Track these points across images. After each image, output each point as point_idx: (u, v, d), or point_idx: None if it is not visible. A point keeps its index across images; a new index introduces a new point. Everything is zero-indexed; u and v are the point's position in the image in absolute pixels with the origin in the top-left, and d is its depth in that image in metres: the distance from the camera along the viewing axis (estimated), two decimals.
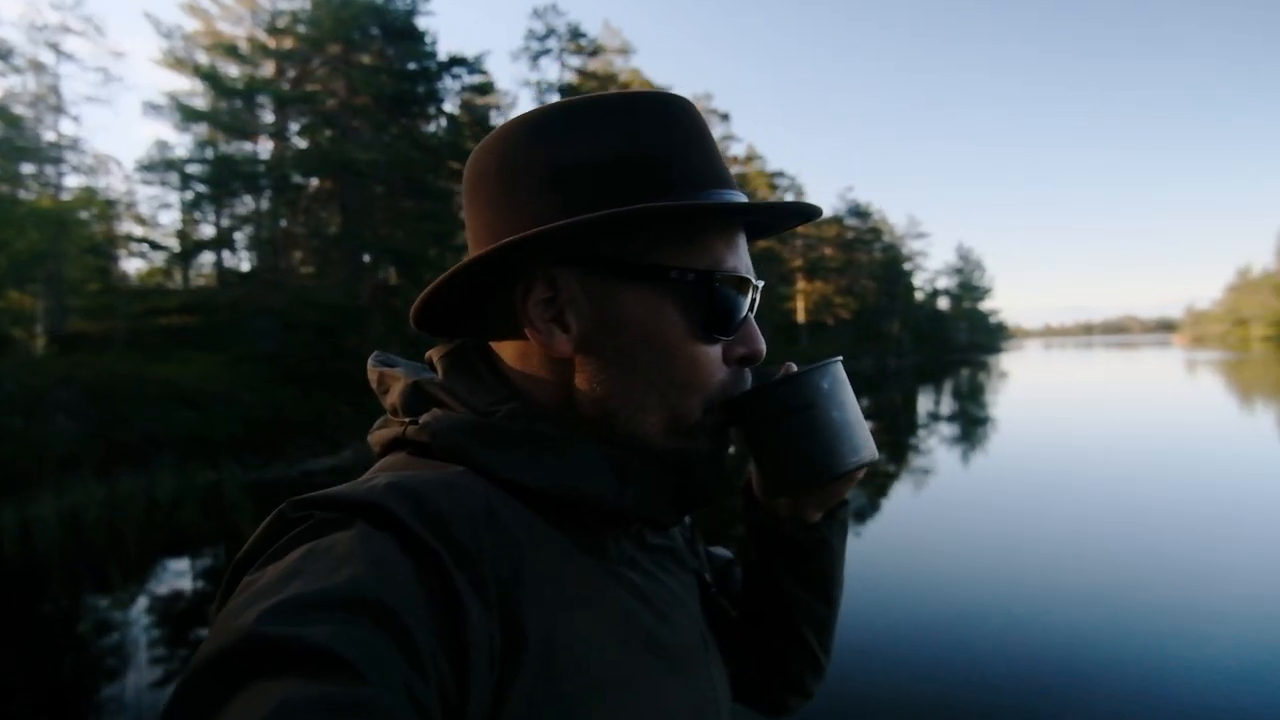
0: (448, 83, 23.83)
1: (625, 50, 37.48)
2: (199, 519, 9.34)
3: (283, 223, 20.67)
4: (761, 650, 0.82)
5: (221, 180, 20.15)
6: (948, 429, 16.26)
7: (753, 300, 0.66)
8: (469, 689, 0.44)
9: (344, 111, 20.48)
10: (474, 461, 0.57)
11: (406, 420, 0.62)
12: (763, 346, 0.66)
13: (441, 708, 0.42)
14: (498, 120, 29.09)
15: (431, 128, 24.23)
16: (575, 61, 32.95)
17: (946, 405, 22.38)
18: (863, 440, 0.65)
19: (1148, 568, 5.63)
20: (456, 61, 23.42)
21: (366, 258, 20.36)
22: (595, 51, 33.85)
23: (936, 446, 13.29)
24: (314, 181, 20.68)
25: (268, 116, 22.07)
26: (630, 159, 0.60)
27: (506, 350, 0.66)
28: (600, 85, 32.50)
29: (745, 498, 0.80)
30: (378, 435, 0.65)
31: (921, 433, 15.50)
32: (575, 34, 32.30)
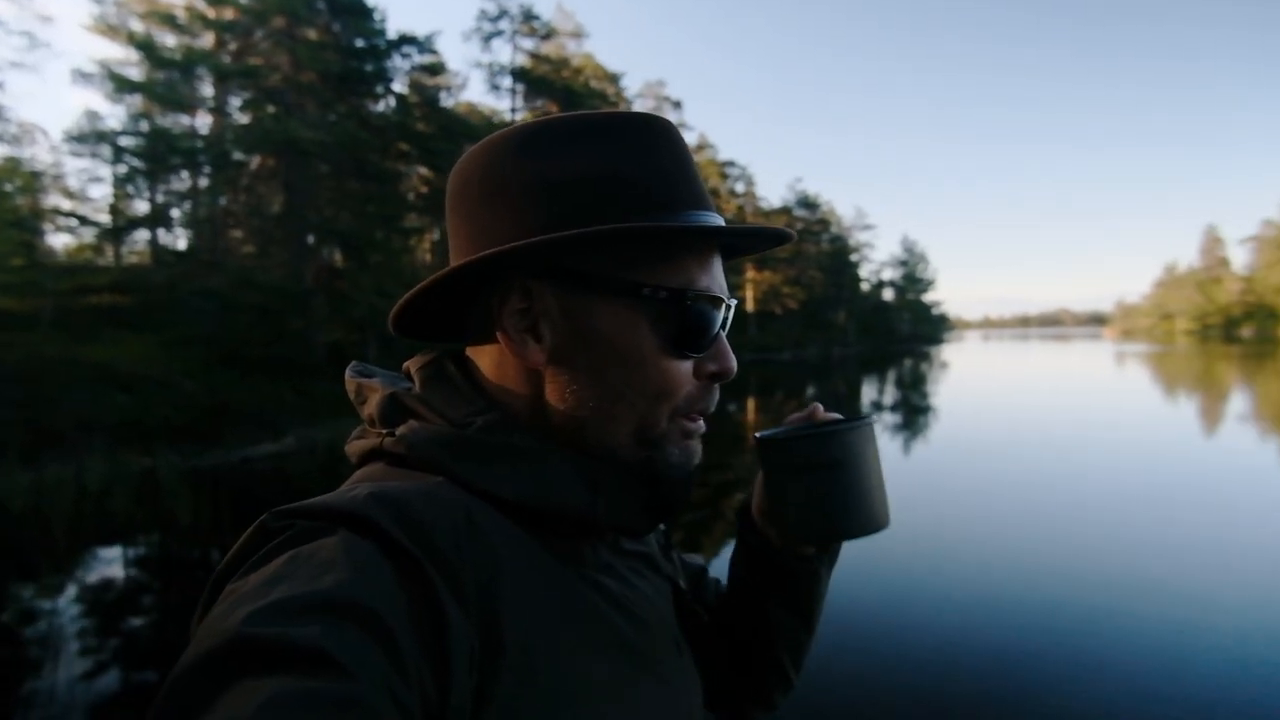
0: (397, 62, 23.28)
1: (578, 34, 37.17)
2: (131, 507, 9.03)
3: (223, 200, 19.97)
4: (733, 663, 0.84)
5: (157, 154, 19.34)
6: (890, 418, 16.66)
7: (725, 318, 0.67)
8: (449, 695, 0.45)
9: (288, 88, 19.84)
10: (451, 473, 0.58)
11: (383, 431, 0.63)
12: (734, 364, 0.67)
13: (422, 712, 0.43)
14: (448, 101, 28.69)
15: (380, 107, 23.67)
16: (528, 44, 32.55)
17: (890, 395, 22.89)
18: (880, 507, 0.66)
19: (1089, 549, 5.86)
20: (406, 40, 22.88)
21: (311, 239, 19.82)
22: (548, 35, 33.45)
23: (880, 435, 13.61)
24: (256, 159, 20.03)
25: (207, 90, 21.30)
26: (610, 178, 0.61)
27: (483, 360, 0.67)
28: (554, 69, 32.18)
29: (743, 518, 0.82)
30: (354, 446, 0.66)
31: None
32: (528, 16, 31.86)
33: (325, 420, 14.01)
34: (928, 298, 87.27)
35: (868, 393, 23.21)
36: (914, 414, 17.55)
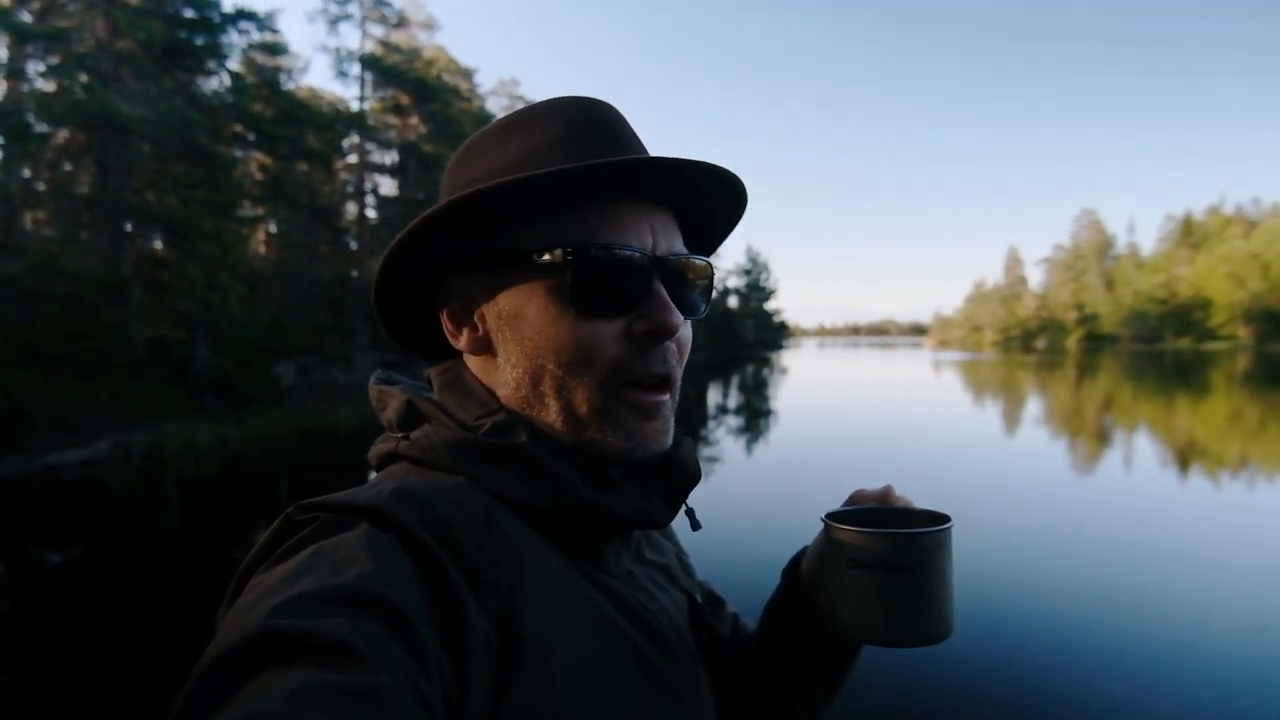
0: (233, 38, 21.54)
1: (430, 25, 36.00)
2: None
3: (26, 173, 17.71)
4: (746, 702, 0.80)
5: None
6: (735, 420, 17.38)
7: (659, 273, 0.63)
8: (469, 690, 0.46)
9: (104, 56, 17.92)
10: (467, 474, 0.60)
11: (399, 435, 0.65)
12: (671, 319, 0.62)
13: (443, 705, 0.43)
14: (289, 85, 26.94)
15: (213, 85, 21.87)
16: (378, 31, 31.15)
17: (735, 400, 23.87)
18: (947, 616, 0.61)
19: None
20: (243, 15, 21.24)
21: (129, 225, 17.98)
22: (400, 23, 32.19)
23: (725, 437, 14.25)
24: (63, 133, 17.92)
25: (0, 51, 18.81)
26: (517, 160, 0.63)
27: (471, 364, 0.70)
28: (405, 59, 30.97)
29: (789, 579, 0.77)
30: (374, 450, 0.68)
31: (712, 424, 16.46)
32: (379, 2, 30.52)
33: (146, 423, 12.78)
34: (769, 306, 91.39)
35: (714, 397, 24.04)
36: (757, 417, 18.41)
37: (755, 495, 8.68)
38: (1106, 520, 7.37)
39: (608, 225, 0.61)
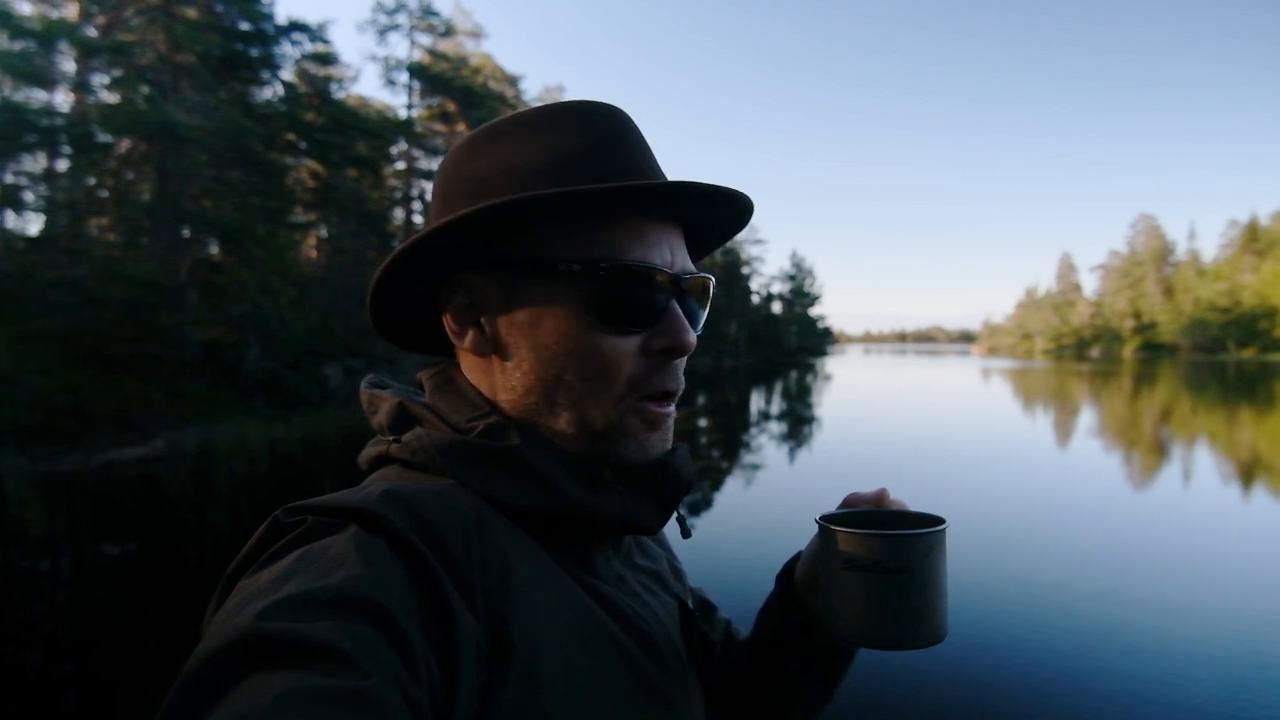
0: (286, 49, 22.16)
1: (477, 34, 36.56)
2: None
3: (91, 181, 18.42)
4: (738, 707, 0.80)
5: (8, 131, 17.66)
6: (777, 427, 17.21)
7: (675, 292, 0.64)
8: (457, 692, 0.45)
9: (163, 68, 18.57)
10: (458, 477, 0.59)
11: (390, 438, 0.64)
12: (688, 338, 0.63)
13: (431, 708, 0.43)
14: (339, 94, 27.58)
15: (267, 95, 22.50)
16: (425, 40, 31.73)
17: (780, 406, 23.65)
18: (941, 619, 0.60)
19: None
20: (296, 27, 21.84)
21: (186, 231, 18.57)
22: (447, 32, 32.73)
23: (767, 444, 14.11)
24: (124, 142, 18.60)
25: (68, 65, 19.62)
26: (543, 165, 0.61)
27: (465, 364, 0.69)
28: (451, 67, 31.48)
29: (783, 584, 0.76)
30: (365, 454, 0.67)
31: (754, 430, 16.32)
32: (427, 11, 31.08)
33: (198, 423, 13.17)
34: (814, 312, 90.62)
35: (756, 403, 23.85)
36: (800, 424, 18.21)
37: (789, 502, 8.57)
38: (1168, 538, 7.10)
39: (636, 242, 0.61)
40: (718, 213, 0.68)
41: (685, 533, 0.73)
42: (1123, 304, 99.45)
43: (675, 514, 0.69)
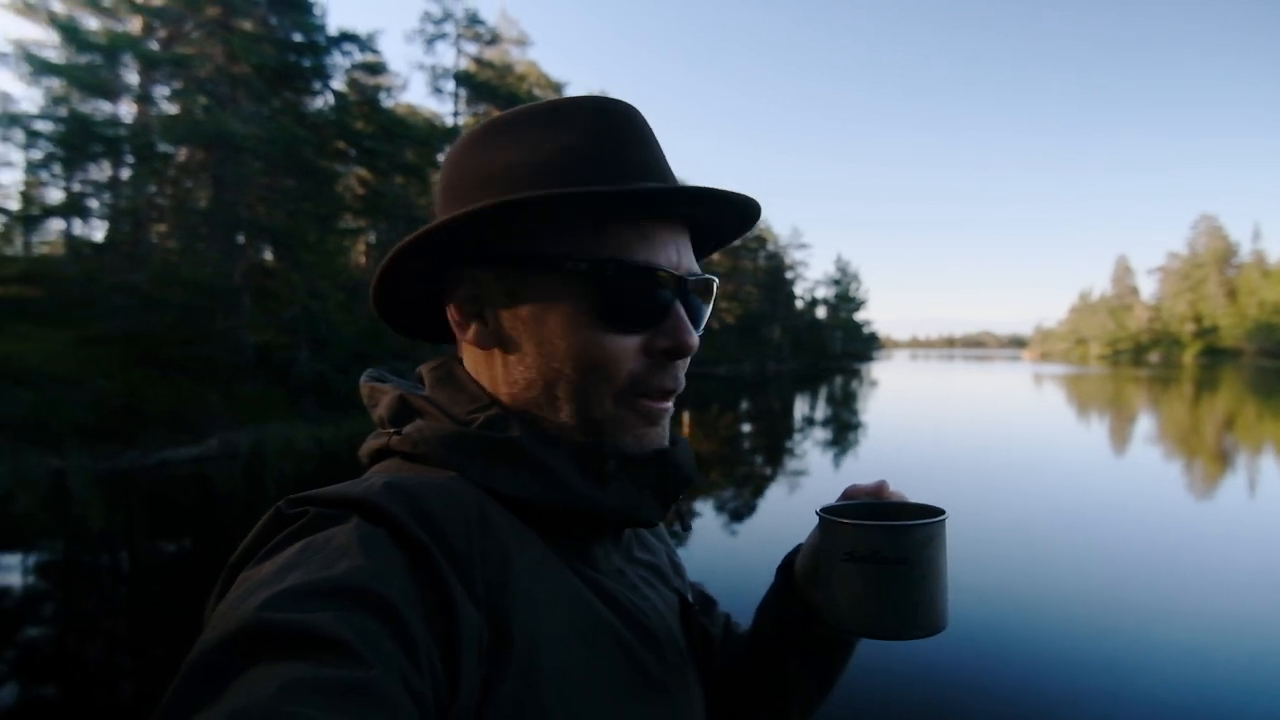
0: (337, 59, 22.69)
1: (522, 41, 37.06)
2: (36, 510, 8.53)
3: (152, 189, 19.11)
4: (739, 709, 0.80)
5: (75, 141, 18.39)
6: (821, 433, 16.99)
7: (680, 293, 0.64)
8: (458, 684, 0.45)
9: (220, 79, 19.17)
10: (459, 469, 0.59)
11: (391, 431, 0.65)
12: (690, 339, 0.63)
13: (433, 699, 0.43)
14: (388, 102, 28.14)
15: (318, 104, 23.07)
16: (471, 49, 32.20)
17: (824, 412, 23.37)
18: (941, 609, 0.61)
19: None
20: (347, 37, 22.36)
21: (240, 237, 19.12)
22: (493, 40, 33.20)
23: (811, 449, 13.92)
24: (183, 151, 19.24)
25: (131, 77, 20.37)
26: (551, 160, 0.61)
27: (467, 357, 0.69)
28: (497, 75, 31.90)
29: (782, 576, 0.77)
30: (366, 446, 0.68)
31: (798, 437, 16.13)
32: (473, 20, 31.56)
33: (251, 424, 13.51)
34: (859, 316, 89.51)
35: (801, 409, 23.62)
36: (845, 430, 17.97)
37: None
38: (1238, 555, 6.80)
39: (642, 242, 0.61)
40: (725, 216, 0.69)
41: (685, 527, 0.75)
42: (1183, 307, 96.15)
43: (674, 508, 0.70)
